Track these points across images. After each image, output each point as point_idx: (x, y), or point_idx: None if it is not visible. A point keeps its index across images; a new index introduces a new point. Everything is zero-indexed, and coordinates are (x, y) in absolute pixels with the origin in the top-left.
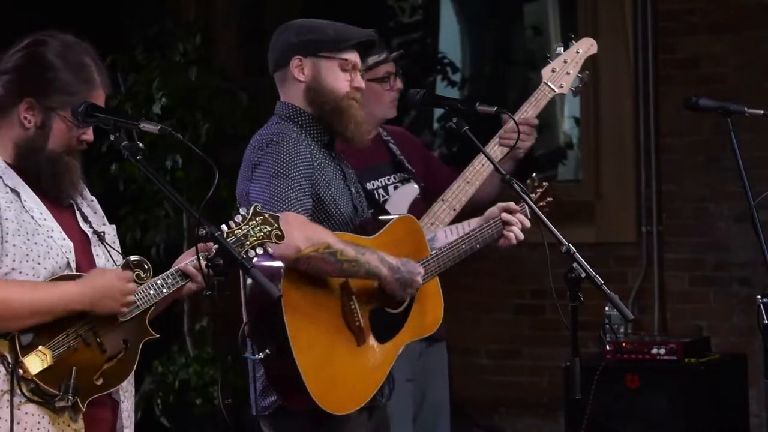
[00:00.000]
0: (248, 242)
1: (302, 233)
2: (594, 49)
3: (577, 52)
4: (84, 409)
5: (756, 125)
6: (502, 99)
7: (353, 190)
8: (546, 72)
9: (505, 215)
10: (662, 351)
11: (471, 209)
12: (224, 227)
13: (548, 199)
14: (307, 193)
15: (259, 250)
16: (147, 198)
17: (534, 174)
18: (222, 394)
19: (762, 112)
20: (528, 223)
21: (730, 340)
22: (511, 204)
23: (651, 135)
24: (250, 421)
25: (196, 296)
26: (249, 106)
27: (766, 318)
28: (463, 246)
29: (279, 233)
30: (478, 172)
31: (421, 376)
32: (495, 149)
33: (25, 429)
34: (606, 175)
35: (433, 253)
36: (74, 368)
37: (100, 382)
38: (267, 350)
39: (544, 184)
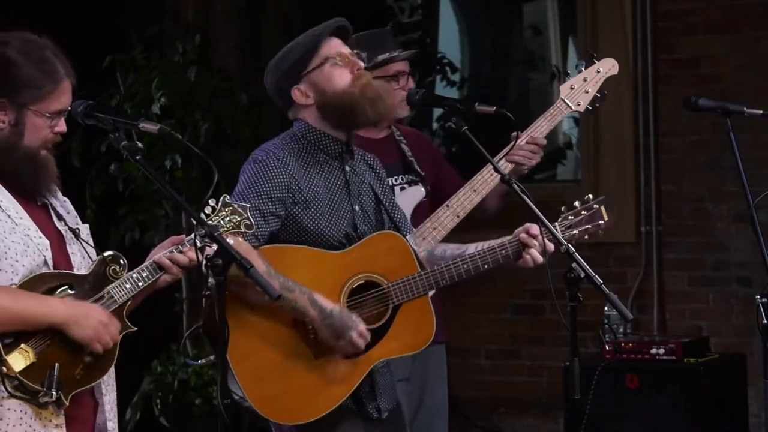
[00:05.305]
0: (218, 233)
1: None
2: (615, 70)
3: (598, 72)
4: (67, 404)
5: (755, 125)
6: (501, 99)
7: (357, 208)
8: (564, 88)
9: (523, 236)
10: (661, 351)
11: (478, 218)
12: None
13: (600, 221)
14: (269, 216)
15: (231, 240)
16: (146, 198)
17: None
18: (221, 394)
19: (761, 112)
20: (551, 248)
21: (730, 340)
22: (533, 226)
23: (650, 135)
24: (248, 421)
25: (195, 296)
26: (248, 107)
27: (765, 318)
28: (465, 266)
29: (249, 222)
30: (486, 181)
31: (419, 378)
32: (501, 164)
33: (8, 425)
34: (605, 175)
35: (423, 271)
36: (57, 364)
37: (81, 376)
38: (211, 357)
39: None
